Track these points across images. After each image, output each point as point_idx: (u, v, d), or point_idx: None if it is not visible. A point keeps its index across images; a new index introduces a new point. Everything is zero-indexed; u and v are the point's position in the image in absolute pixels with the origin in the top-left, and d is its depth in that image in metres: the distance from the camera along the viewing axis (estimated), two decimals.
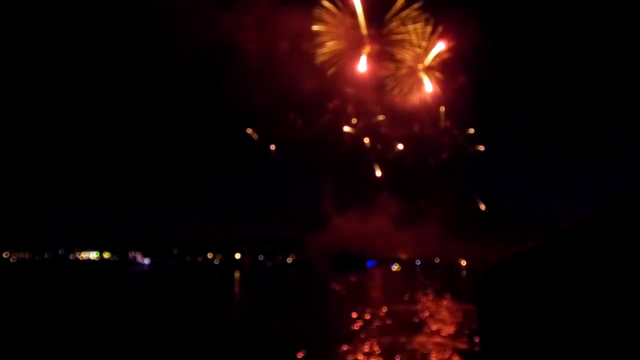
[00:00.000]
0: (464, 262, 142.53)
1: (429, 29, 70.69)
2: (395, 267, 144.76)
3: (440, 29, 73.31)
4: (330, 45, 71.00)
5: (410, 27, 69.13)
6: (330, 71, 73.37)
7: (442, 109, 79.58)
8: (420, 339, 23.64)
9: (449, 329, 26.42)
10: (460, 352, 20.49)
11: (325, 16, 70.14)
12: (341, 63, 72.85)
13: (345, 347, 20.44)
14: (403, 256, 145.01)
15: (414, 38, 70.25)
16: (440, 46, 70.74)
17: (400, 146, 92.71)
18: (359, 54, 72.38)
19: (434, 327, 27.44)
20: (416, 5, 67.47)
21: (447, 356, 19.94)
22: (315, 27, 74.00)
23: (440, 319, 30.98)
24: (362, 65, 74.54)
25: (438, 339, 23.50)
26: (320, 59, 75.32)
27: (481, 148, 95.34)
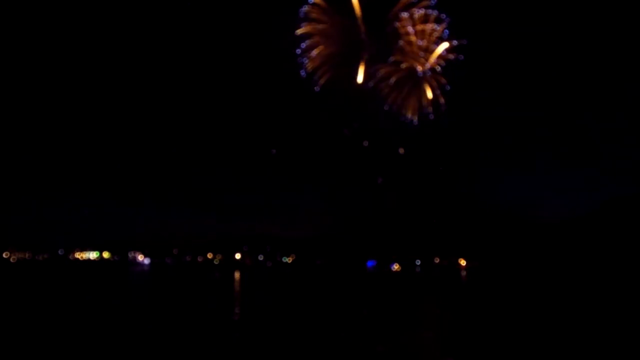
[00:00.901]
0: (463, 262, 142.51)
1: (430, 27, 68.25)
2: (395, 267, 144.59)
3: (443, 26, 70.73)
4: (322, 50, 66.08)
5: (411, 28, 66.25)
6: (322, 81, 68.56)
7: (442, 109, 78.74)
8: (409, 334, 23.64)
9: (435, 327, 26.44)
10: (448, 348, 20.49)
11: (317, 15, 64.95)
12: (335, 71, 68.22)
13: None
14: (403, 256, 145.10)
15: (414, 39, 67.60)
16: (444, 46, 68.64)
17: (401, 150, 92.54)
18: (355, 61, 68.39)
19: (424, 324, 27.46)
20: (424, 3, 63.81)
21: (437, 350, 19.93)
22: (304, 29, 68.38)
23: (430, 317, 30.99)
24: (360, 77, 70.17)
25: (425, 335, 23.51)
26: (309, 66, 69.43)
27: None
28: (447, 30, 67.53)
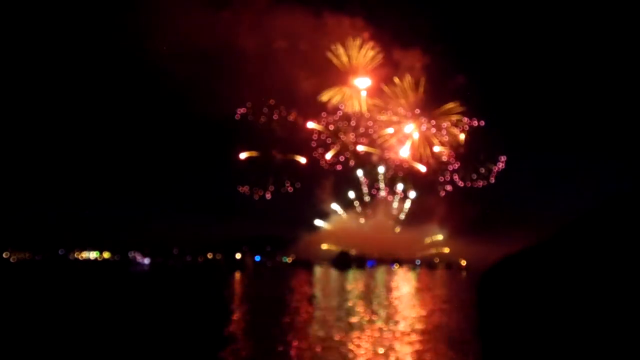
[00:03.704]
0: (464, 262, 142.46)
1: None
2: (395, 267, 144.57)
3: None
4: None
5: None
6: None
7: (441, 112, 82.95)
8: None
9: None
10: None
11: None
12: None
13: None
14: (403, 256, 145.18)
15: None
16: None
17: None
18: None
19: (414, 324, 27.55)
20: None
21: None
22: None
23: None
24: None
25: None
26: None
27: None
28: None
